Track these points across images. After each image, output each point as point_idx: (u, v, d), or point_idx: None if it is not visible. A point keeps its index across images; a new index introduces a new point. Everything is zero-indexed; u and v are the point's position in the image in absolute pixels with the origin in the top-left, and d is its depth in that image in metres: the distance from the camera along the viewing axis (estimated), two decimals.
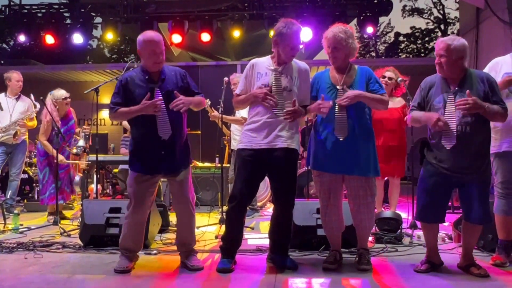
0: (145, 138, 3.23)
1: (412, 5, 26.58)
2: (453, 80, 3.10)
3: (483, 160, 3.06)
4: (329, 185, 3.26)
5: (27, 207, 6.42)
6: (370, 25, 8.10)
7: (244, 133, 3.27)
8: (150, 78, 3.24)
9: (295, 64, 3.29)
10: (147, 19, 8.44)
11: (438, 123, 2.98)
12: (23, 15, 8.66)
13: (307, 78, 3.32)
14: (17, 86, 5.92)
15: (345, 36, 3.18)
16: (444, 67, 3.08)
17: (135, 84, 3.23)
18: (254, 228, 4.93)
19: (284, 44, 3.18)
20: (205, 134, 8.35)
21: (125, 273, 3.15)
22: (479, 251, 3.65)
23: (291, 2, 8.43)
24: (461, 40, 3.08)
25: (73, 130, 5.60)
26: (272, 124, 3.16)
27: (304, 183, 5.48)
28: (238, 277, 3.07)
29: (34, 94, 5.86)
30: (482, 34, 8.19)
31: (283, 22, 3.23)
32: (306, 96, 3.28)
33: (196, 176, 6.83)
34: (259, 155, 3.17)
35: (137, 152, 3.27)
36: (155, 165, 3.22)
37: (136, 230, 3.32)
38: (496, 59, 3.53)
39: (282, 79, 3.20)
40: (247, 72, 3.31)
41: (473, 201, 3.06)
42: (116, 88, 3.27)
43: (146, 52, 3.20)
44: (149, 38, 3.21)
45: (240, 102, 3.37)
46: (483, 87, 3.04)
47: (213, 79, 8.18)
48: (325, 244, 3.57)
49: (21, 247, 3.85)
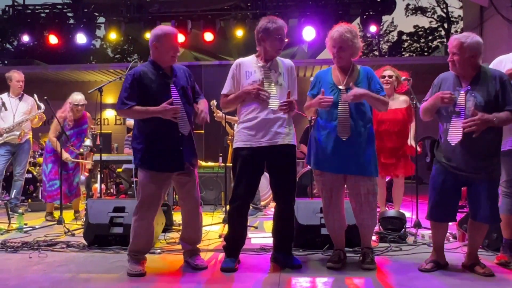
0: (165, 134, 3.12)
1: (416, 3, 26.64)
2: (465, 78, 3.08)
3: (492, 159, 3.02)
4: (330, 185, 3.26)
5: (31, 206, 6.44)
6: (373, 24, 8.09)
7: (241, 132, 3.26)
8: (164, 73, 3.19)
9: (280, 61, 3.34)
10: (150, 19, 8.46)
11: (444, 99, 2.98)
12: (27, 15, 8.69)
13: (293, 73, 3.38)
14: (18, 86, 5.90)
15: (351, 36, 3.18)
16: (457, 65, 3.06)
17: (149, 79, 3.12)
18: (257, 227, 4.93)
19: (272, 38, 3.22)
20: (209, 133, 8.37)
21: (141, 276, 3.06)
22: (483, 250, 3.63)
23: (294, 1, 8.42)
24: (475, 38, 3.02)
25: (84, 134, 5.60)
26: (270, 121, 3.17)
27: (308, 182, 5.48)
28: (242, 276, 3.07)
29: (38, 94, 5.87)
30: (486, 33, 8.16)
31: (267, 18, 3.28)
32: (293, 92, 3.31)
33: (200, 176, 6.78)
34: (259, 153, 3.17)
35: (153, 149, 3.12)
36: (175, 161, 3.14)
37: (149, 231, 3.22)
38: (500, 57, 3.52)
39: (272, 75, 3.24)
40: (234, 71, 3.32)
41: (480, 200, 3.02)
42: (127, 83, 3.12)
43: (167, 46, 3.15)
44: (169, 31, 3.19)
45: (229, 103, 3.34)
46: (495, 86, 2.99)
47: (216, 79, 8.13)
48: (329, 243, 3.56)
49: (25, 246, 3.86)
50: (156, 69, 3.18)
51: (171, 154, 3.13)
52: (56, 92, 8.10)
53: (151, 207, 3.17)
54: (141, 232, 3.18)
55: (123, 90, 3.12)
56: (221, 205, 6.02)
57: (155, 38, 3.16)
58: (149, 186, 3.13)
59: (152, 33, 3.21)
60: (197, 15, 8.40)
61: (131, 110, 3.09)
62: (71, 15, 8.75)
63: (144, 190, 3.14)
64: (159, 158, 3.12)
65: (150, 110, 3.07)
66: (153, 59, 3.21)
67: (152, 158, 3.13)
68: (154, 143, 3.13)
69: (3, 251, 3.77)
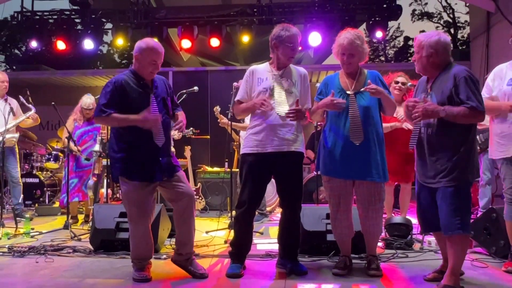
0: (142, 145, 3.10)
1: (422, 9, 26.49)
2: (430, 79, 2.99)
3: (452, 162, 2.78)
4: (339, 191, 3.25)
5: (38, 211, 6.47)
6: (379, 29, 8.07)
7: (248, 137, 3.28)
8: (144, 83, 3.18)
9: (294, 68, 3.36)
10: (157, 25, 8.50)
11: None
12: (35, 21, 8.76)
13: (306, 81, 3.39)
14: (2, 87, 5.64)
15: (360, 42, 3.19)
16: (416, 64, 3.00)
17: (131, 88, 3.11)
18: (263, 233, 4.93)
19: (284, 46, 3.23)
20: (214, 139, 8.37)
21: (146, 281, 3.07)
22: (490, 258, 3.61)
23: (300, 7, 8.43)
24: (434, 37, 2.88)
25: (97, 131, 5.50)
26: (277, 128, 3.17)
27: (313, 188, 5.47)
28: (248, 282, 3.07)
29: (45, 99, 5.91)
30: (493, 38, 8.13)
31: (281, 26, 3.29)
32: (305, 100, 3.32)
33: (206, 181, 6.85)
34: (265, 159, 3.18)
35: (133, 160, 3.09)
36: (154, 172, 3.11)
37: (146, 238, 3.19)
38: (501, 65, 3.43)
39: (283, 82, 3.24)
40: (247, 78, 3.34)
41: (439, 208, 2.84)
42: (107, 90, 3.07)
43: (147, 60, 3.12)
44: (153, 47, 3.14)
45: (242, 111, 3.37)
46: (450, 85, 2.80)
47: (222, 84, 8.20)
48: (335, 249, 3.56)
49: (32, 251, 3.88)
50: (137, 79, 3.17)
51: (149, 164, 3.11)
52: (64, 97, 8.18)
53: (143, 214, 3.13)
54: (139, 239, 3.17)
55: (102, 97, 3.08)
56: (226, 211, 6.02)
57: (138, 50, 3.15)
58: (135, 196, 3.10)
59: (137, 44, 3.20)
60: (203, 21, 8.43)
61: (110, 117, 3.05)
62: (79, 21, 8.81)
63: (130, 200, 3.12)
64: (139, 169, 3.08)
65: (131, 118, 3.04)
66: (134, 69, 3.20)
67: (132, 169, 3.09)
68: (134, 153, 3.10)
69: (10, 256, 3.80)
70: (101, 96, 3.10)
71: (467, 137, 2.83)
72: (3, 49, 27.09)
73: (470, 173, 2.83)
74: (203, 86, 8.19)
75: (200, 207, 6.49)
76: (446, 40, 2.92)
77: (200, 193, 6.56)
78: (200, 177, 6.92)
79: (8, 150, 5.55)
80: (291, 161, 3.21)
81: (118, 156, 3.12)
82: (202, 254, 3.80)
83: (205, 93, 8.99)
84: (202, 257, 3.72)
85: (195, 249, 3.92)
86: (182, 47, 8.58)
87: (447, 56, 2.92)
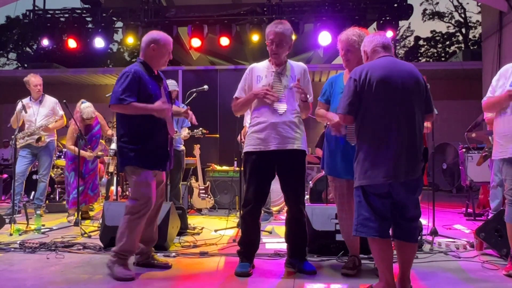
0: (157, 133, 3.19)
1: (433, 8, 26.31)
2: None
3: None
4: (343, 190, 3.25)
5: (49, 208, 6.52)
6: (390, 29, 8.04)
7: (250, 136, 3.27)
8: (156, 76, 3.29)
9: (294, 64, 3.36)
10: (167, 23, 8.54)
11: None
12: (47, 19, 8.85)
13: (307, 75, 3.40)
14: (36, 91, 5.91)
15: (358, 39, 3.16)
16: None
17: (147, 79, 3.18)
18: (271, 232, 4.92)
19: (268, 41, 3.25)
20: (224, 137, 8.39)
21: (132, 280, 3.01)
22: (501, 260, 3.57)
23: (310, 6, 8.42)
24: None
25: (98, 135, 5.73)
26: (279, 126, 3.17)
27: (323, 187, 5.45)
28: (256, 281, 3.07)
29: (56, 96, 5.98)
30: (506, 38, 8.05)
31: (274, 23, 3.30)
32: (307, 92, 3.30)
33: (214, 180, 6.87)
34: (269, 157, 3.19)
35: (148, 148, 3.14)
36: (165, 160, 3.27)
37: (141, 232, 3.19)
38: (508, 65, 3.36)
39: (282, 79, 3.25)
40: (246, 76, 3.36)
41: None
42: (127, 80, 3.08)
43: (163, 51, 3.25)
44: (169, 39, 3.30)
45: (240, 105, 3.36)
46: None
47: (232, 83, 8.17)
48: (344, 249, 3.54)
49: (43, 247, 3.92)
50: (149, 71, 3.24)
51: (162, 153, 3.24)
52: (74, 95, 8.23)
53: (151, 204, 3.17)
54: (137, 233, 3.14)
55: (121, 86, 3.07)
56: (235, 209, 6.03)
57: (154, 41, 3.23)
58: (148, 184, 3.13)
59: (150, 35, 3.28)
60: (213, 19, 8.45)
61: (131, 106, 3.07)
62: (90, 20, 8.89)
63: (145, 188, 3.12)
64: (154, 157, 3.18)
65: (150, 107, 3.12)
66: (145, 61, 3.26)
67: (150, 157, 3.17)
68: (149, 141, 3.16)
69: (21, 252, 3.84)
70: (120, 84, 3.10)
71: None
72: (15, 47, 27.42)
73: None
74: (212, 85, 8.19)
75: (209, 205, 6.50)
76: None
77: (209, 191, 6.57)
78: (209, 176, 6.94)
79: (42, 148, 5.89)
80: (293, 159, 3.21)
81: (131, 145, 3.13)
82: (210, 253, 3.81)
83: (215, 92, 9.01)
84: (211, 256, 3.73)
85: (204, 247, 3.99)
86: (192, 45, 8.62)
87: None
